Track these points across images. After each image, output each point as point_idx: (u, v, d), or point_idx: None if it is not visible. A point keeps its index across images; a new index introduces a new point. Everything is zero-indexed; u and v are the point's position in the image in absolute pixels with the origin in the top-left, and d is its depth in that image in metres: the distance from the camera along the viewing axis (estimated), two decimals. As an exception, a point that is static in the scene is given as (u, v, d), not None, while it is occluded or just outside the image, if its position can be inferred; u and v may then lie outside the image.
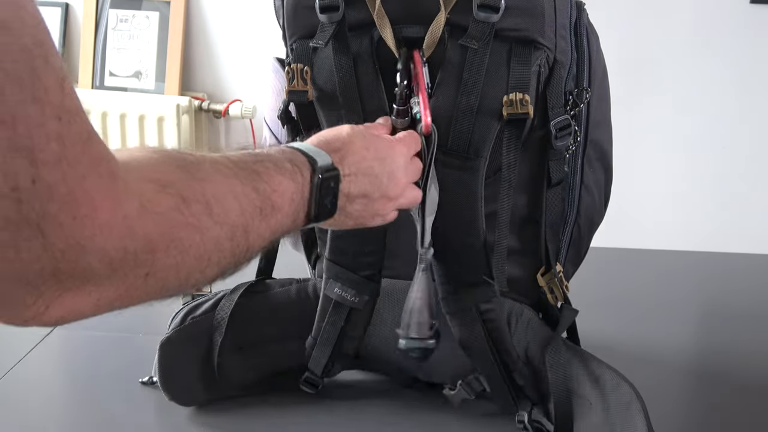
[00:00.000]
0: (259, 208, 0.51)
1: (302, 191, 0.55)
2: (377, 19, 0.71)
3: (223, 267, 0.49)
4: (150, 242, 0.41)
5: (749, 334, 1.02)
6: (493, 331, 0.75)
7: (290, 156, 0.56)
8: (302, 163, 0.56)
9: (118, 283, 0.41)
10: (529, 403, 0.76)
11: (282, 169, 0.54)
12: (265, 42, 2.16)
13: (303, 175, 0.56)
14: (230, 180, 0.49)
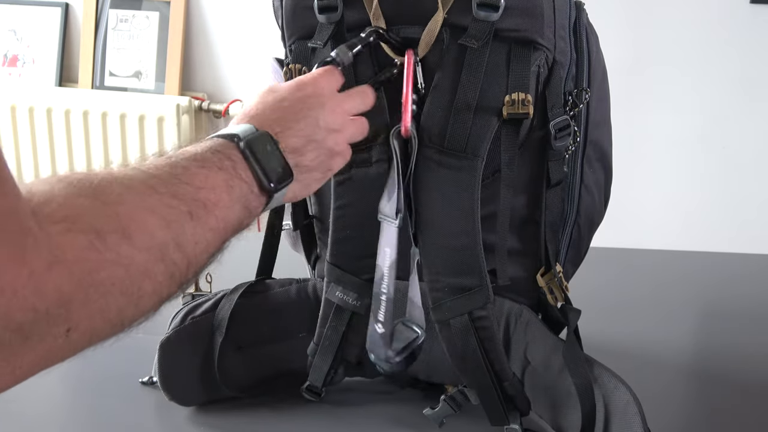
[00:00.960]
0: (186, 212, 0.46)
1: (238, 174, 0.51)
2: (374, 19, 0.71)
3: (161, 293, 0.45)
4: (62, 294, 0.37)
5: (749, 335, 1.02)
6: (485, 340, 0.73)
7: (210, 145, 0.53)
8: (224, 146, 0.52)
9: (36, 347, 0.37)
10: (518, 415, 0.76)
11: (204, 162, 0.50)
12: (265, 42, 2.16)
13: (231, 158, 0.52)
14: (145, 195, 0.45)
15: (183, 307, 0.83)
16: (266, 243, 0.86)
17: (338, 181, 0.74)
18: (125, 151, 2.23)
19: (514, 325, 0.79)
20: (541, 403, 0.77)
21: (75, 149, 2.25)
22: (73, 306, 0.37)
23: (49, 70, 2.31)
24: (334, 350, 0.78)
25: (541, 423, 0.78)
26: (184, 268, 0.46)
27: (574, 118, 0.75)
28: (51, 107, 2.22)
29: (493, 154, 0.72)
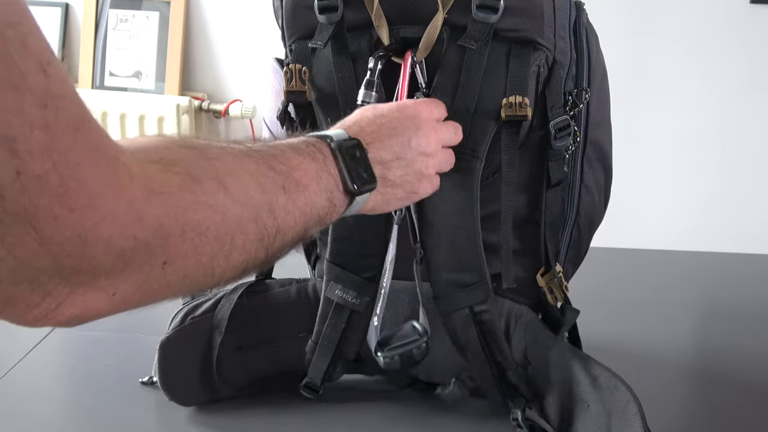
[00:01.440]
0: (280, 186, 0.48)
1: (327, 168, 0.53)
2: (375, 19, 0.71)
3: (250, 252, 0.46)
4: (161, 227, 0.38)
5: (749, 335, 1.02)
6: (486, 332, 0.75)
7: (305, 139, 0.55)
8: (318, 143, 0.55)
9: (133, 275, 0.38)
10: (523, 401, 0.76)
11: (299, 150, 0.52)
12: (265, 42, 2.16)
13: (323, 152, 0.54)
14: (243, 159, 0.47)
15: (183, 307, 0.83)
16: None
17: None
18: (125, 151, 2.23)
19: (514, 325, 0.79)
20: (541, 402, 0.77)
21: (75, 149, 2.25)
22: (170, 240, 0.39)
23: (49, 70, 2.31)
24: (333, 348, 0.78)
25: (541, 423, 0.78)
26: (272, 235, 0.47)
27: (574, 118, 0.75)
28: (51, 107, 2.22)
29: (493, 154, 0.72)
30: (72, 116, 0.35)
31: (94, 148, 0.36)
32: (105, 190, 0.35)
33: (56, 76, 0.34)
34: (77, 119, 0.35)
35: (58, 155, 0.34)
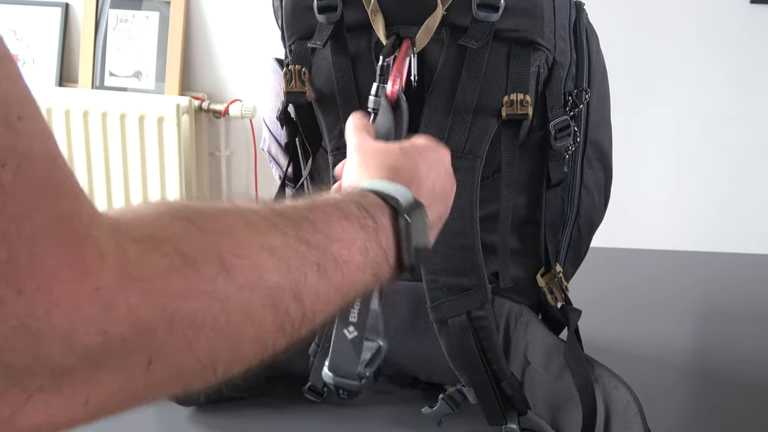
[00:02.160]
0: (314, 263, 0.40)
1: (378, 239, 0.45)
2: (371, 14, 0.71)
3: (266, 343, 0.39)
4: (141, 320, 0.31)
5: (748, 335, 1.02)
6: (483, 339, 0.73)
7: (358, 198, 0.47)
8: (375, 205, 0.46)
9: (109, 378, 0.32)
10: (515, 414, 0.76)
11: (345, 214, 0.44)
12: (265, 42, 2.16)
13: (376, 220, 0.46)
14: (266, 233, 0.39)
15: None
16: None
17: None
18: (125, 151, 2.23)
19: (515, 325, 0.79)
20: (540, 403, 0.77)
21: (75, 149, 2.25)
22: (155, 335, 0.32)
23: (49, 70, 2.31)
24: None
25: (540, 423, 0.78)
26: (297, 321, 0.40)
27: (574, 119, 0.75)
28: (51, 107, 2.22)
29: (493, 154, 0.72)
30: (36, 179, 0.29)
31: (60, 219, 0.30)
32: (64, 272, 0.29)
33: (28, 132, 0.29)
34: (43, 183, 0.30)
35: (10, 223, 0.28)
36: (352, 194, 0.47)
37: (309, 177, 0.81)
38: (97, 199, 2.29)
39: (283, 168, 0.84)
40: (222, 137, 2.33)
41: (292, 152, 0.81)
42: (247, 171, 2.36)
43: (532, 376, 0.78)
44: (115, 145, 2.22)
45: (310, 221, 0.42)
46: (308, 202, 0.44)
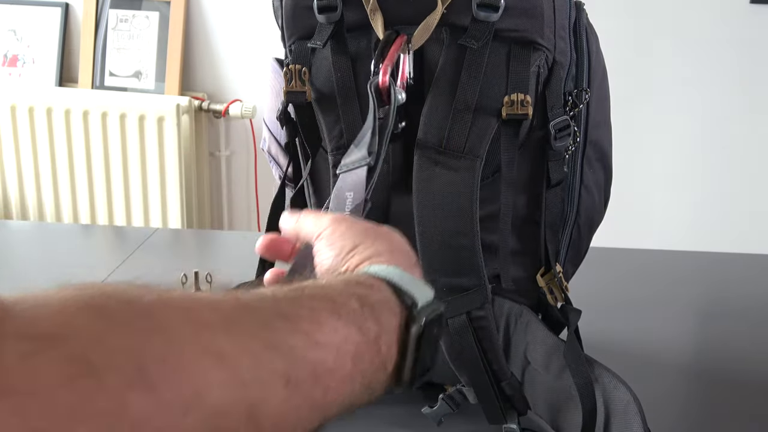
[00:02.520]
0: (282, 375, 0.32)
1: (378, 345, 0.37)
2: (370, 13, 0.71)
3: None
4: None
5: (748, 335, 1.02)
6: (483, 339, 0.73)
7: (361, 289, 0.38)
8: (383, 302, 0.39)
9: None
10: (515, 414, 0.76)
11: (341, 310, 0.36)
12: (265, 42, 2.17)
13: (381, 321, 0.38)
14: (215, 331, 0.31)
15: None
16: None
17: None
18: (125, 151, 2.23)
19: (514, 325, 0.79)
20: (540, 403, 0.77)
21: (75, 149, 2.25)
22: None
23: (49, 70, 2.31)
24: None
25: (540, 423, 0.78)
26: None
27: (574, 119, 0.75)
28: (51, 107, 2.22)
29: (493, 154, 0.72)
30: None
31: None
32: None
33: None
34: None
35: None
36: (353, 282, 0.39)
37: (309, 177, 0.81)
38: (97, 200, 2.29)
39: (283, 168, 0.84)
40: (222, 137, 2.33)
41: (292, 152, 0.81)
42: (247, 171, 2.36)
43: (532, 376, 0.78)
44: (115, 145, 2.22)
45: (288, 318, 0.34)
46: (293, 291, 0.36)
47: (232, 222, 2.44)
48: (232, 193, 2.41)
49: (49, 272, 1.19)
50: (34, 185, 2.31)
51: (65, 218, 2.33)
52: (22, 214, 2.35)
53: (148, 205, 2.27)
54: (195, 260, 1.33)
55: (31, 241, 1.40)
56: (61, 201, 2.32)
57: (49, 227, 1.95)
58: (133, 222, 2.30)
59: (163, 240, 1.37)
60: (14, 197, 2.34)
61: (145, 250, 1.26)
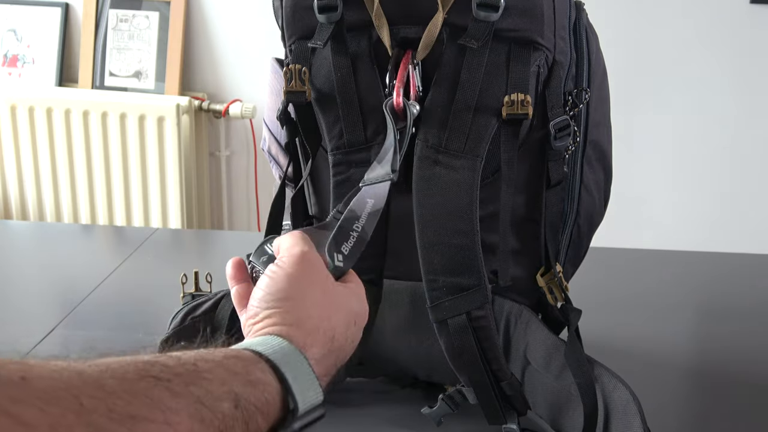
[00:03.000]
0: None
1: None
2: (375, 19, 0.71)
3: None
4: None
5: (749, 335, 1.02)
6: (483, 339, 0.73)
7: (241, 391, 0.37)
8: (260, 407, 0.37)
9: None
10: (515, 414, 0.76)
11: (204, 413, 0.34)
12: (265, 42, 2.17)
13: (249, 427, 0.37)
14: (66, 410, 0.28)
15: (183, 307, 0.82)
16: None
17: (337, 182, 0.74)
18: (125, 151, 2.23)
19: (514, 325, 0.79)
20: (540, 403, 0.77)
21: (75, 149, 2.25)
22: None
23: (49, 70, 2.31)
24: None
25: (540, 423, 0.78)
26: None
27: (573, 118, 0.75)
28: (51, 107, 2.22)
29: (493, 153, 0.72)
30: None
31: None
32: None
33: None
34: None
35: None
36: (242, 371, 0.38)
37: (309, 177, 0.81)
38: (97, 200, 2.29)
39: (283, 168, 0.84)
40: (222, 137, 2.33)
41: (292, 152, 0.81)
42: (247, 171, 2.36)
43: (532, 376, 0.78)
44: (115, 145, 2.22)
45: (135, 419, 0.31)
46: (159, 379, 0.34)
47: (232, 222, 2.44)
48: (232, 193, 2.41)
49: (49, 272, 1.19)
50: (34, 185, 2.31)
51: (65, 218, 2.33)
52: (22, 214, 2.35)
53: (148, 205, 2.27)
54: (195, 260, 1.33)
55: (31, 241, 1.40)
56: (61, 201, 2.32)
57: (49, 227, 1.95)
58: (133, 222, 2.30)
59: (163, 240, 1.37)
60: (14, 197, 2.34)
61: (145, 250, 1.26)
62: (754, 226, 2.23)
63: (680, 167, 2.24)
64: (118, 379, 0.32)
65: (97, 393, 0.30)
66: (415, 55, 0.71)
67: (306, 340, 0.43)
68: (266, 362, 0.40)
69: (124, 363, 0.33)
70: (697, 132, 2.20)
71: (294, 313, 0.45)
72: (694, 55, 2.14)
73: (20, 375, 0.28)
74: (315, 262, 0.52)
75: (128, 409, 0.31)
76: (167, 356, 0.36)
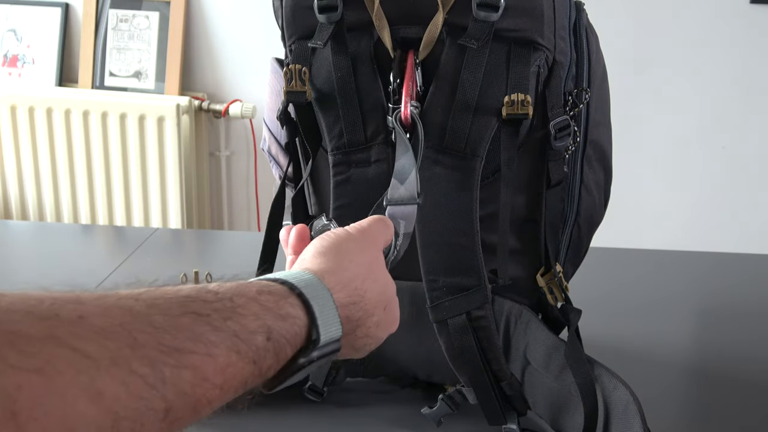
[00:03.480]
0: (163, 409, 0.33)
1: (265, 372, 0.41)
2: (376, 20, 0.71)
3: None
4: None
5: (749, 335, 1.02)
6: (483, 339, 0.73)
7: (274, 324, 0.41)
8: (289, 339, 0.41)
9: None
10: (515, 414, 0.76)
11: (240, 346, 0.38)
12: (265, 42, 2.17)
13: (278, 356, 0.41)
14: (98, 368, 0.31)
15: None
16: (266, 243, 0.86)
17: (337, 182, 0.74)
18: (125, 151, 2.23)
19: (514, 325, 0.79)
20: (540, 403, 0.77)
21: (75, 149, 2.25)
22: None
23: (49, 70, 2.31)
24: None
25: (540, 423, 0.78)
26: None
27: (574, 118, 0.75)
28: (51, 107, 2.22)
29: (493, 153, 0.72)
30: None
31: None
32: None
33: None
34: None
35: None
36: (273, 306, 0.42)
37: (309, 177, 0.81)
38: (97, 200, 2.29)
39: (283, 168, 0.84)
40: (222, 137, 2.33)
41: (292, 152, 0.81)
42: (247, 171, 2.36)
43: (532, 376, 0.78)
44: (115, 145, 2.22)
45: (179, 351, 0.35)
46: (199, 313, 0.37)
47: (232, 222, 2.44)
48: (232, 193, 2.41)
49: (49, 272, 1.19)
50: (34, 185, 2.31)
51: (65, 218, 2.33)
52: (22, 214, 2.35)
53: (148, 205, 2.27)
54: (195, 260, 1.33)
55: (31, 241, 1.40)
56: (61, 201, 2.32)
57: (49, 227, 1.95)
58: (133, 222, 2.30)
59: (163, 240, 1.37)
60: (14, 197, 2.34)
61: (145, 250, 1.26)
62: (754, 226, 2.23)
63: (680, 167, 2.24)
64: (164, 315, 0.35)
65: (147, 329, 0.34)
66: (417, 55, 0.71)
67: (335, 285, 0.47)
68: (297, 296, 0.43)
69: (168, 299, 0.37)
70: (697, 132, 2.20)
71: (334, 262, 0.48)
72: (694, 54, 2.14)
73: (77, 314, 0.32)
74: (377, 236, 0.55)
75: (174, 342, 0.34)
76: (206, 291, 0.39)
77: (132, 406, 0.32)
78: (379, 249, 0.55)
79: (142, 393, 0.32)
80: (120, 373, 0.32)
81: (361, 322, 0.49)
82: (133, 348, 0.33)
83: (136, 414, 0.32)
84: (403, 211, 0.67)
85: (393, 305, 0.55)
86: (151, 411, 0.33)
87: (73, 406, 0.29)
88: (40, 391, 0.28)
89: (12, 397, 0.28)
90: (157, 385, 0.33)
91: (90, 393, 0.30)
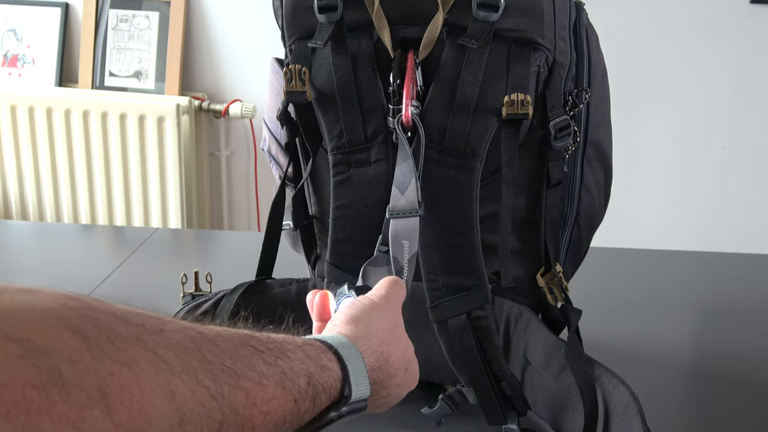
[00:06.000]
0: (218, 421, 0.38)
1: (302, 416, 0.45)
2: (376, 20, 0.71)
3: None
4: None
5: (749, 335, 1.02)
6: (483, 339, 0.73)
7: (315, 371, 0.46)
8: (326, 389, 0.46)
9: None
10: (515, 414, 0.76)
11: (287, 383, 0.43)
12: (265, 42, 2.17)
13: (315, 402, 0.46)
14: (173, 372, 0.36)
15: (183, 307, 0.83)
16: (266, 243, 0.86)
17: (337, 182, 0.74)
18: (125, 151, 2.23)
19: (514, 325, 0.79)
20: (540, 403, 0.77)
21: (75, 149, 2.25)
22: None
23: (49, 70, 2.31)
24: None
25: (540, 423, 0.78)
26: None
27: (574, 118, 0.75)
28: (51, 107, 2.22)
29: (493, 153, 0.72)
30: None
31: None
32: None
33: None
34: None
35: None
36: (314, 358, 0.46)
37: (309, 177, 0.81)
38: (97, 200, 2.29)
39: (283, 168, 0.84)
40: (222, 137, 2.33)
41: (292, 152, 0.81)
42: (247, 171, 2.36)
43: (532, 376, 0.78)
44: (115, 145, 2.22)
45: (237, 375, 0.40)
46: (254, 349, 0.43)
47: (232, 222, 2.44)
48: (232, 193, 2.41)
49: (49, 272, 1.19)
50: (34, 185, 2.31)
51: (65, 218, 2.33)
52: (22, 214, 2.35)
53: (148, 205, 2.27)
54: (195, 260, 1.33)
55: (31, 241, 1.40)
56: (61, 201, 2.32)
57: (49, 227, 1.95)
58: (133, 222, 2.30)
59: (163, 240, 1.37)
60: (14, 197, 2.34)
61: (145, 250, 1.26)
62: (755, 226, 2.23)
63: (680, 167, 2.24)
64: (227, 342, 0.41)
65: (214, 350, 0.39)
66: (416, 55, 0.71)
67: (366, 350, 0.52)
68: (334, 354, 0.49)
69: (230, 332, 0.43)
70: (697, 132, 2.20)
71: (363, 328, 0.54)
72: (694, 55, 2.14)
73: (159, 328, 0.37)
74: (397, 301, 0.60)
75: (234, 366, 0.40)
76: (260, 333, 0.45)
77: (196, 411, 0.36)
78: (399, 313, 0.60)
79: (205, 402, 0.37)
80: (189, 380, 0.36)
81: (385, 383, 0.55)
82: (201, 362, 0.38)
83: (198, 419, 0.37)
84: (406, 225, 0.69)
85: (413, 366, 0.61)
86: (210, 420, 0.37)
87: (151, 399, 0.34)
88: (127, 381, 0.33)
89: (105, 381, 0.32)
90: (217, 397, 0.38)
91: (165, 391, 0.35)
